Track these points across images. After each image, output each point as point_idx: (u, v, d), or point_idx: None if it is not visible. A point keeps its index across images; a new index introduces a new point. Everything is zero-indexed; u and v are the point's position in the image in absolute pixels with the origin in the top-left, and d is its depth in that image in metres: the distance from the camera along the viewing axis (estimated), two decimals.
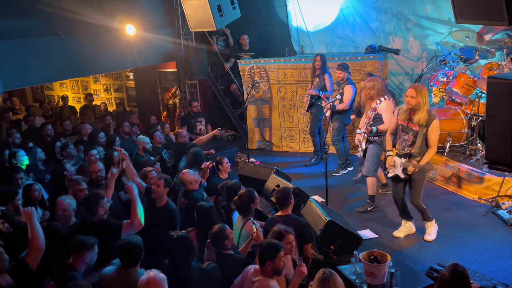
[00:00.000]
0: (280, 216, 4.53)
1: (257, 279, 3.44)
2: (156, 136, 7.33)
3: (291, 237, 3.82)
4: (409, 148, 4.85)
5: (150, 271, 3.16)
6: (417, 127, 4.74)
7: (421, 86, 4.82)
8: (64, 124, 8.37)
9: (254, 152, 8.93)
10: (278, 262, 3.44)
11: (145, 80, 11.24)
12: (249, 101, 8.83)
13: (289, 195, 4.56)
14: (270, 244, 3.52)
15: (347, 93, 7.07)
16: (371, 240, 5.21)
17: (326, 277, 3.18)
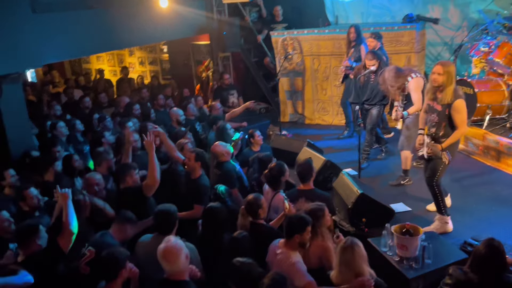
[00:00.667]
0: (302, 190, 4.53)
1: (280, 251, 3.50)
2: (189, 109, 7.43)
3: (327, 211, 3.86)
4: (433, 129, 4.61)
5: (169, 238, 3.20)
6: (440, 107, 4.50)
7: (449, 63, 4.57)
8: (100, 97, 8.59)
9: (286, 125, 8.92)
10: (306, 236, 3.50)
11: (178, 53, 11.31)
12: (281, 74, 8.76)
13: (310, 168, 4.54)
14: (299, 217, 3.56)
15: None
16: (404, 213, 5.16)
17: (347, 246, 3.26)
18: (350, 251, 3.23)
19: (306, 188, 4.55)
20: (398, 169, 6.09)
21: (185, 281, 3.12)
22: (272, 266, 3.53)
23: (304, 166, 4.58)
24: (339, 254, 3.29)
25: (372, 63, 6.24)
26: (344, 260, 3.26)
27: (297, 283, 3.32)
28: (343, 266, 3.28)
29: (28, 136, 6.13)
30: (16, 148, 5.76)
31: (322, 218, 3.78)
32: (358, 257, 3.24)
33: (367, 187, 5.18)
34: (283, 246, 3.54)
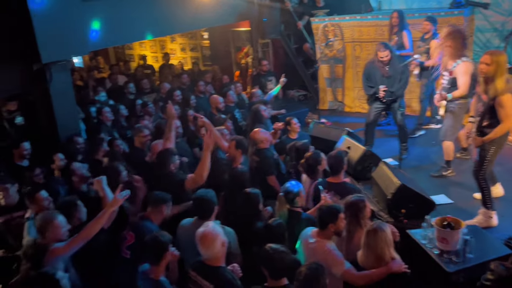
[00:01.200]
0: (331, 183, 4.47)
1: (314, 241, 3.50)
2: (229, 95, 7.48)
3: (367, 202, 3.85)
4: (479, 119, 4.47)
5: (207, 224, 3.28)
6: (486, 98, 4.33)
7: (498, 53, 4.35)
8: (142, 83, 8.80)
9: (325, 112, 8.85)
10: (340, 224, 3.50)
11: (219, 39, 11.37)
12: (321, 60, 8.67)
13: (341, 161, 4.46)
14: (330, 207, 3.55)
15: (434, 47, 6.71)
16: (446, 205, 5.05)
17: (371, 229, 3.29)
18: (372, 234, 3.28)
19: (336, 181, 4.49)
20: (441, 159, 5.94)
21: (220, 267, 3.20)
22: (305, 255, 3.55)
23: (334, 158, 4.50)
24: (364, 236, 3.35)
25: (385, 54, 6.12)
26: (367, 243, 3.32)
27: (335, 270, 3.34)
28: (366, 248, 3.33)
29: (75, 121, 6.39)
30: (64, 132, 6.02)
31: (364, 209, 3.75)
32: (380, 240, 3.27)
33: (407, 177, 5.06)
34: (317, 235, 3.55)
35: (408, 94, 8.11)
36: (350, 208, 3.70)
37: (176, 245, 3.74)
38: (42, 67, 5.68)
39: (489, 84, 4.29)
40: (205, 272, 3.19)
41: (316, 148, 5.61)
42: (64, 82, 6.10)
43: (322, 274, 2.91)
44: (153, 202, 3.97)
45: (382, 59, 6.17)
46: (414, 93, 8.08)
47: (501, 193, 5.00)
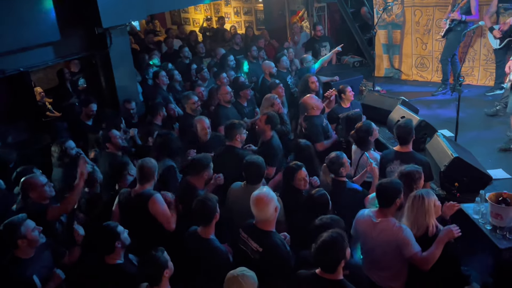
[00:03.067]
0: (399, 152, 4.39)
1: (380, 220, 3.43)
2: (282, 61, 7.42)
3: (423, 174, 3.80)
4: None
5: (263, 188, 3.40)
6: None
7: None
8: (198, 47, 8.90)
9: (380, 80, 8.60)
10: (402, 197, 3.45)
11: (273, 2, 11.19)
12: (379, 25, 8.36)
13: (410, 131, 4.35)
14: (393, 183, 3.48)
15: None
16: (503, 180, 4.86)
17: (414, 196, 3.32)
18: (414, 200, 3.32)
19: (404, 150, 4.39)
20: (502, 132, 5.66)
21: (271, 232, 3.29)
22: (371, 237, 3.47)
23: (404, 128, 4.37)
24: (407, 203, 3.38)
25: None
26: (409, 209, 3.37)
27: (405, 251, 3.29)
28: (408, 215, 3.37)
29: (133, 84, 6.64)
30: (122, 95, 6.29)
31: (419, 181, 3.71)
32: (420, 208, 3.30)
33: (463, 150, 4.89)
34: (380, 214, 3.45)
35: (472, 62, 7.74)
36: (404, 178, 3.67)
37: (226, 206, 3.92)
38: (103, 31, 5.89)
39: None
40: (256, 235, 3.30)
41: (368, 117, 5.55)
42: (123, 45, 6.33)
43: (342, 242, 2.83)
44: (194, 170, 4.08)
45: None
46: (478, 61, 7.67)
47: None
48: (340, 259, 2.80)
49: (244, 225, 3.43)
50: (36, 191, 3.78)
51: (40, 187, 3.80)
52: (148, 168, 3.84)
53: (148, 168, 3.84)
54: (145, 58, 7.85)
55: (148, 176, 3.84)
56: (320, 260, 2.84)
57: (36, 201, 3.77)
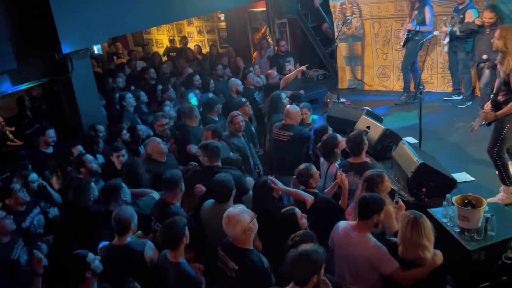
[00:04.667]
0: (353, 163, 4.46)
1: (356, 234, 3.42)
2: (249, 78, 7.48)
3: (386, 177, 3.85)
4: (495, 96, 4.37)
5: (237, 206, 3.37)
6: (502, 73, 4.23)
7: (509, 27, 4.24)
8: (163, 67, 8.87)
9: (344, 91, 8.79)
10: (382, 215, 3.42)
11: (235, 21, 11.32)
12: (340, 39, 8.57)
13: (361, 142, 4.43)
14: (377, 197, 3.49)
15: (468, 17, 6.71)
16: (467, 183, 5.02)
17: (415, 218, 3.19)
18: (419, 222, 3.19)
19: (357, 161, 4.47)
20: (463, 136, 5.85)
21: (248, 249, 3.26)
22: (346, 249, 3.46)
23: (354, 140, 4.47)
24: (409, 226, 3.21)
25: (490, 17, 5.92)
26: (405, 235, 3.23)
27: (384, 269, 3.29)
28: (404, 241, 3.25)
29: (98, 108, 6.51)
30: (86, 120, 6.15)
31: (382, 184, 3.77)
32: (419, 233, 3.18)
33: (428, 156, 5.03)
34: (357, 228, 3.44)
35: (430, 70, 8.01)
36: (366, 182, 3.73)
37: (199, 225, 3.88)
38: (63, 56, 5.79)
39: (504, 58, 4.22)
40: (233, 252, 3.27)
41: (335, 128, 5.63)
42: (85, 70, 6.20)
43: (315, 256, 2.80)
44: (167, 186, 4.03)
45: None
46: (436, 69, 7.96)
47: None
48: (311, 272, 2.77)
49: (221, 243, 3.40)
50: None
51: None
52: (125, 219, 3.58)
53: (125, 219, 3.58)
54: (109, 82, 7.75)
55: (127, 226, 3.60)
56: (292, 273, 2.82)
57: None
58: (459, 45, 6.95)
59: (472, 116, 6.48)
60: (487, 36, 5.98)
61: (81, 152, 5.02)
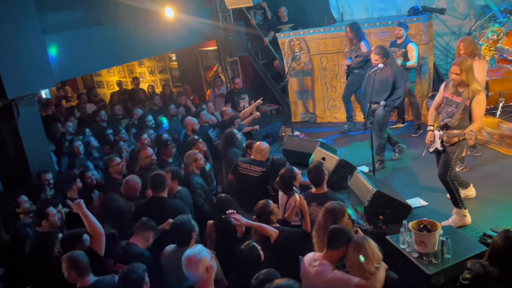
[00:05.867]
0: (315, 194, 4.51)
1: (319, 263, 3.42)
2: (202, 115, 7.50)
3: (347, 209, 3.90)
4: (448, 119, 4.58)
5: (195, 246, 3.30)
6: (461, 99, 4.48)
7: (464, 61, 4.47)
8: (115, 109, 8.73)
9: (298, 125, 8.96)
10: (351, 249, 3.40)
11: (187, 60, 11.43)
12: (290, 74, 8.81)
13: (321, 173, 4.50)
14: (347, 229, 3.52)
15: (411, 51, 7.16)
16: (421, 208, 5.16)
17: (359, 241, 3.29)
18: (364, 246, 3.29)
19: (319, 192, 4.53)
20: (415, 161, 6.05)
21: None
22: (308, 278, 3.46)
23: (315, 171, 4.53)
24: (353, 250, 3.33)
25: (375, 58, 6.02)
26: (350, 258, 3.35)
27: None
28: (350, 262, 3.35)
29: (46, 154, 6.26)
30: (35, 167, 5.90)
31: (343, 216, 3.80)
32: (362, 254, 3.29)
33: (383, 183, 5.17)
34: (322, 257, 3.46)
35: None
36: (330, 214, 3.74)
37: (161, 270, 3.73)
38: (9, 102, 5.58)
39: (462, 87, 4.48)
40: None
41: (291, 161, 5.70)
42: (32, 115, 5.99)
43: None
44: (139, 229, 3.96)
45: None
46: None
47: (473, 194, 5.17)
48: None
49: (182, 287, 3.28)
50: None
51: None
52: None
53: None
54: (57, 126, 7.51)
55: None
56: None
57: None
58: None
59: (422, 142, 6.79)
60: (377, 75, 5.97)
61: (46, 201, 4.74)
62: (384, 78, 6.03)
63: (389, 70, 6.02)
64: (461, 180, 5.09)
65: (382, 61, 5.97)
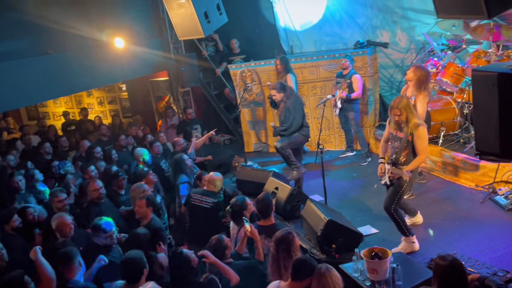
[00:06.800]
0: (263, 226, 4.48)
1: None
2: (154, 147, 7.38)
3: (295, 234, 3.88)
4: (395, 155, 4.78)
5: (146, 285, 3.21)
6: (403, 134, 4.70)
7: (401, 101, 4.67)
8: (61, 141, 8.40)
9: (251, 154, 8.99)
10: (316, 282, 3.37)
11: (138, 90, 11.28)
12: (242, 105, 8.88)
13: (270, 204, 4.51)
14: (312, 261, 3.50)
15: (355, 82, 7.44)
16: (372, 236, 5.26)
17: (323, 272, 3.25)
18: (325, 276, 3.24)
19: (267, 223, 4.50)
20: (363, 190, 6.20)
21: None
22: None
23: (262, 201, 4.51)
24: (317, 282, 3.27)
25: (273, 93, 6.49)
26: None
27: None
28: None
29: None
30: None
31: (294, 241, 3.78)
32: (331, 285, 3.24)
33: (334, 212, 5.24)
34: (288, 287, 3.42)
35: (328, 130, 8.55)
36: (281, 243, 3.71)
37: None
38: None
39: (403, 124, 4.69)
40: None
41: (245, 191, 5.67)
42: None
43: None
44: (62, 262, 3.80)
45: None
46: (333, 129, 8.52)
47: (420, 221, 5.35)
48: None
49: None
50: None
51: None
52: None
53: None
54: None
55: None
56: None
57: None
58: (348, 106, 7.55)
59: (371, 171, 7.03)
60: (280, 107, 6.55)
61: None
62: (286, 110, 6.41)
63: (287, 103, 6.42)
64: (409, 208, 5.28)
65: (280, 95, 6.41)
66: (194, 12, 7.68)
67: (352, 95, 7.41)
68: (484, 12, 3.06)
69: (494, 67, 3.36)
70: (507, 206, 5.42)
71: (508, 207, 5.40)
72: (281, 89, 6.41)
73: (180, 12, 7.93)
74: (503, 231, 4.98)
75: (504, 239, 4.80)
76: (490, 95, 3.15)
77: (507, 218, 5.25)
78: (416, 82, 5.76)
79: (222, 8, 8.27)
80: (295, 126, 6.32)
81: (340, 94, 7.43)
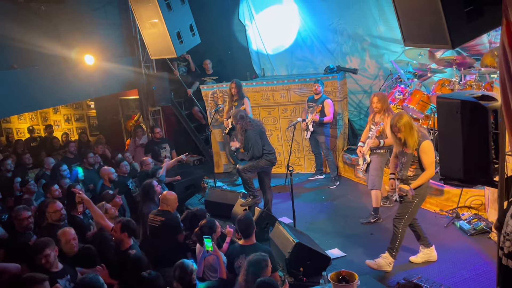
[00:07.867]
0: (244, 246, 4.43)
1: None
2: (122, 166, 7.24)
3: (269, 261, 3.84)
4: (403, 171, 4.83)
5: None
6: (409, 149, 4.75)
7: (401, 118, 4.69)
8: (24, 158, 8.13)
9: (221, 175, 8.92)
10: None
11: (107, 108, 11.11)
12: (213, 125, 8.86)
13: (251, 223, 4.46)
14: (272, 283, 3.45)
15: (327, 107, 7.54)
16: (340, 259, 5.27)
17: None
18: None
19: (248, 243, 4.43)
20: (333, 213, 6.22)
21: None
22: None
23: (244, 221, 4.45)
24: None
25: (230, 121, 6.62)
26: None
27: None
28: None
29: None
30: None
31: (267, 268, 3.75)
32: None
33: (303, 235, 5.23)
34: None
35: (298, 153, 8.62)
36: (251, 267, 3.67)
37: None
38: None
39: (407, 141, 4.72)
40: None
41: (213, 213, 5.60)
42: None
43: None
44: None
45: None
46: (302, 152, 8.59)
47: (435, 258, 5.08)
48: None
49: None
50: None
51: None
52: None
53: None
54: None
55: None
56: None
57: None
58: (319, 130, 7.66)
59: (340, 194, 7.11)
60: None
61: None
62: (245, 139, 6.28)
63: (247, 133, 6.27)
64: (424, 236, 5.11)
65: (238, 126, 6.27)
66: (167, 32, 7.68)
67: (324, 119, 7.53)
68: (448, 42, 3.18)
69: (457, 95, 3.49)
70: (469, 231, 5.55)
71: (470, 232, 5.53)
72: (240, 119, 6.26)
73: (153, 31, 7.91)
74: (466, 255, 5.08)
75: (466, 264, 4.90)
76: (454, 121, 3.27)
77: (470, 242, 5.37)
78: (383, 110, 5.96)
79: (195, 29, 8.31)
80: (257, 154, 6.19)
81: (313, 117, 7.54)
